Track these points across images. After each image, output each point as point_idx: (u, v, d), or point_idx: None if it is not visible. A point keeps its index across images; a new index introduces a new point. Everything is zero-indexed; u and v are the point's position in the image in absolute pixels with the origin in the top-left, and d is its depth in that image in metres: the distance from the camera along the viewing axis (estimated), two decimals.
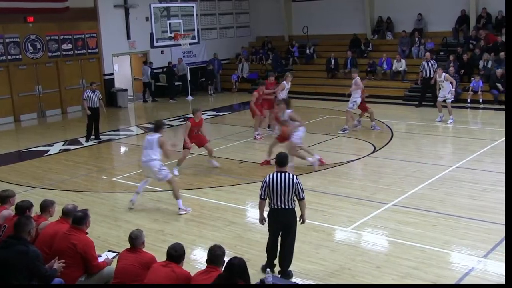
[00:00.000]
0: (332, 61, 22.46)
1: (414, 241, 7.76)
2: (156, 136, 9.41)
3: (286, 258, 6.84)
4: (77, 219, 6.24)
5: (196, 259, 7.45)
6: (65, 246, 6.03)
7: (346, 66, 22.24)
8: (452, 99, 15.70)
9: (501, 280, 6.60)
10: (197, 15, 22.27)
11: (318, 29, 24.83)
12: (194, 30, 21.16)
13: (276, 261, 6.95)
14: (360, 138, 14.25)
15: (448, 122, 15.47)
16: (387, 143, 13.63)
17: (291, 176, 6.63)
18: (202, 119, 12.00)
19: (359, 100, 14.86)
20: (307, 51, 24.36)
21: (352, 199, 9.63)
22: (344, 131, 14.84)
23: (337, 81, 22.17)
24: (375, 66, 21.66)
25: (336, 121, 17.30)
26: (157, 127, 9.74)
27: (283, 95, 14.78)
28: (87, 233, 6.29)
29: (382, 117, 16.66)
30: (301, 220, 6.89)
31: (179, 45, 20.66)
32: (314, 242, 7.89)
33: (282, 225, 6.74)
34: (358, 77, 14.94)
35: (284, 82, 15.35)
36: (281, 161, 6.78)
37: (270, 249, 6.90)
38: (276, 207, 6.67)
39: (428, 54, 18.66)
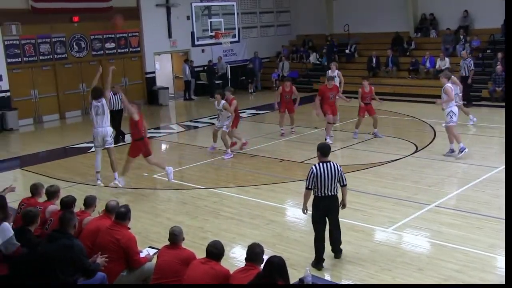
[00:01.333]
0: (374, 59, 22.17)
1: (457, 243, 7.59)
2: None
3: (337, 237, 7.24)
4: (121, 214, 6.35)
5: (235, 257, 7.48)
6: (108, 240, 6.14)
7: (387, 64, 21.94)
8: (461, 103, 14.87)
9: None
10: (237, 13, 22.35)
11: (360, 27, 24.54)
12: (234, 28, 21.25)
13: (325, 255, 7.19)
14: (402, 138, 14.02)
15: (469, 123, 15.16)
16: (429, 143, 13.37)
17: (335, 165, 7.00)
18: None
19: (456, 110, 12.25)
20: (348, 50, 24.12)
21: (392, 199, 9.49)
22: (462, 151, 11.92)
23: (379, 79, 21.87)
24: (418, 65, 21.28)
25: (379, 120, 17.06)
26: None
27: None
28: (129, 228, 6.39)
29: (424, 117, 16.37)
30: (342, 205, 7.22)
31: (220, 43, 20.79)
32: (353, 242, 7.81)
33: (327, 210, 7.08)
34: (448, 84, 12.11)
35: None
36: (324, 151, 7.09)
37: (320, 239, 7.12)
38: (323, 195, 6.98)
39: (464, 52, 18.31)
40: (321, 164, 7.01)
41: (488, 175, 10.55)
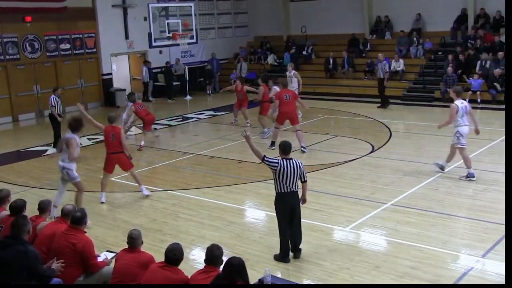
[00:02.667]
0: (331, 60, 22.46)
1: (413, 240, 7.77)
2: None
3: (298, 235, 7.37)
4: (76, 218, 6.22)
5: (195, 259, 7.45)
6: (64, 245, 6.02)
7: (343, 66, 22.27)
8: None
9: (500, 280, 6.62)
10: (195, 14, 22.28)
11: (317, 29, 24.84)
12: (192, 30, 21.17)
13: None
14: (359, 138, 14.25)
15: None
16: (385, 143, 13.64)
17: (297, 162, 7.26)
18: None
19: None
20: (305, 51, 24.36)
21: (350, 199, 9.64)
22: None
23: (336, 81, 22.21)
24: (374, 66, 21.66)
25: (335, 120, 17.33)
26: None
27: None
28: (85, 232, 6.28)
29: (380, 117, 16.69)
30: (302, 200, 7.44)
31: (178, 45, 20.67)
32: (312, 242, 7.89)
33: (291, 207, 7.23)
34: (455, 102, 10.80)
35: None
36: (286, 149, 7.32)
37: (285, 232, 7.29)
38: (285, 190, 7.19)
39: (380, 55, 18.88)
40: (284, 160, 7.22)
41: (441, 174, 10.83)
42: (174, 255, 5.43)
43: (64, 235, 6.12)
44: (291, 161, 7.22)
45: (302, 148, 12.88)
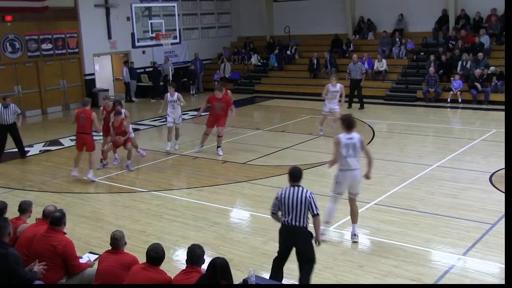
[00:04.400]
0: (315, 61, 22.55)
1: (395, 239, 7.84)
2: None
3: (304, 279, 6.32)
4: (55, 219, 6.11)
5: (179, 260, 7.43)
6: (44, 248, 5.94)
7: (326, 66, 22.37)
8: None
9: (481, 277, 6.72)
10: (178, 15, 22.21)
11: (300, 29, 24.92)
12: (175, 30, 21.10)
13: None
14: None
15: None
16: (368, 143, 13.69)
17: (304, 191, 6.27)
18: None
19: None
20: (289, 51, 24.43)
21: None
22: None
23: (319, 81, 22.24)
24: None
25: (319, 121, 17.38)
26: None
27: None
28: (65, 233, 6.21)
29: (363, 117, 16.79)
30: (316, 241, 6.45)
31: (161, 45, 20.58)
32: None
33: (287, 244, 6.38)
34: None
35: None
36: (293, 176, 6.42)
37: (275, 264, 6.55)
38: (284, 223, 6.33)
39: (355, 56, 19.02)
40: (288, 188, 6.38)
41: (423, 173, 10.95)
42: (156, 253, 5.40)
43: (43, 237, 6.03)
44: (295, 189, 6.30)
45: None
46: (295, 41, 24.84)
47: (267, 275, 6.91)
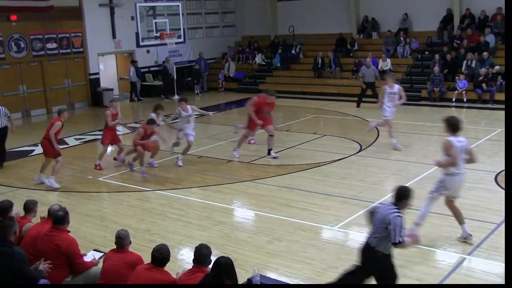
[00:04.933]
0: (319, 60, 22.52)
1: None
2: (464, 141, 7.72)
3: None
4: (58, 218, 6.12)
5: (183, 259, 7.44)
6: (48, 247, 5.95)
7: (330, 66, 22.35)
8: None
9: (486, 277, 6.70)
10: (183, 14, 22.26)
11: (304, 29, 24.93)
12: (180, 29, 21.14)
13: None
14: (347, 137, 14.30)
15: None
16: (373, 142, 13.70)
17: (392, 211, 5.73)
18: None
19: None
20: (293, 51, 24.42)
21: (338, 198, 9.68)
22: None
23: (324, 80, 22.27)
24: (361, 66, 21.74)
25: (323, 120, 17.40)
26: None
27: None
28: (68, 232, 6.22)
29: (368, 116, 16.76)
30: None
31: (165, 44, 20.62)
32: (301, 241, 7.92)
33: (359, 262, 5.97)
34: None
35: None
36: (399, 194, 5.95)
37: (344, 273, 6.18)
38: (365, 240, 5.91)
39: (368, 60, 19.22)
40: (381, 205, 6.14)
41: (428, 172, 10.92)
42: (161, 254, 5.40)
43: (47, 236, 6.04)
44: (387, 206, 5.88)
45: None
46: (299, 41, 24.82)
47: (271, 275, 6.93)
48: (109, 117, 12.16)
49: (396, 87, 13.11)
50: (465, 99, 18.37)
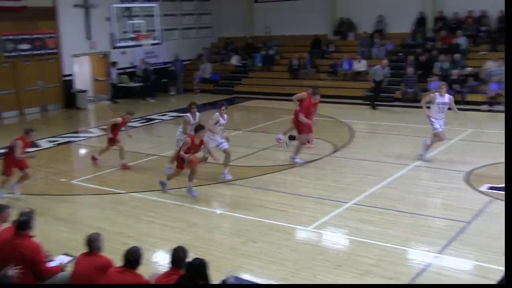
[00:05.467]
0: (295, 62, 22.63)
1: (374, 239, 7.89)
2: None
3: None
4: (21, 223, 5.91)
5: (158, 261, 7.40)
6: (12, 255, 5.75)
7: (305, 67, 22.47)
8: None
9: (457, 275, 6.81)
10: (159, 15, 22.15)
11: (281, 30, 25.03)
12: (156, 30, 21.05)
13: None
14: (321, 138, 14.36)
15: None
16: (348, 143, 13.81)
17: None
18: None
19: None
20: (270, 52, 24.48)
21: (313, 199, 9.73)
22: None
23: (299, 81, 22.35)
24: (337, 67, 21.93)
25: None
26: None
27: None
28: (32, 236, 6.01)
29: (343, 117, 16.90)
30: None
31: (141, 45, 20.51)
32: (276, 242, 7.94)
33: None
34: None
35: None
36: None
37: None
38: None
39: (385, 61, 19.29)
40: None
41: (402, 173, 11.06)
42: (132, 256, 5.36)
43: (11, 243, 5.84)
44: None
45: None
46: (275, 42, 24.90)
47: (246, 276, 6.94)
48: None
49: (447, 97, 11.77)
50: None
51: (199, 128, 9.93)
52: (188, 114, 11.28)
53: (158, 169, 12.13)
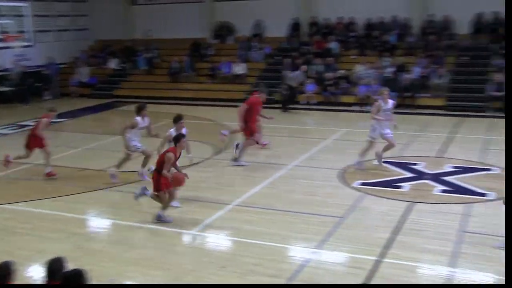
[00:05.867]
0: (175, 65, 22.54)
1: (255, 238, 8.08)
2: None
3: None
4: None
5: (32, 276, 7.03)
6: None
7: (185, 70, 22.49)
8: None
9: (334, 268, 7.18)
10: (30, 16, 20.98)
11: (161, 33, 24.81)
12: (27, 32, 19.93)
13: None
14: (201, 141, 14.44)
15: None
16: (228, 145, 13.98)
17: None
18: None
19: None
20: (150, 55, 24.16)
21: (196, 202, 9.76)
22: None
23: (180, 85, 22.32)
24: (216, 70, 22.17)
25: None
26: None
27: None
28: None
29: (223, 120, 17.10)
30: None
31: (9, 47, 19.31)
32: (158, 247, 7.87)
33: None
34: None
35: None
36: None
37: None
38: None
39: (304, 67, 19.79)
40: None
41: (282, 173, 11.44)
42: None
43: None
44: None
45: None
46: (155, 45, 24.62)
47: (129, 282, 6.81)
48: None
49: (391, 103, 11.48)
50: (313, 102, 19.52)
51: (180, 137, 8.93)
52: (138, 118, 10.84)
53: (33, 178, 11.50)
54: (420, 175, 11.07)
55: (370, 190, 10.16)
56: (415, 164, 11.81)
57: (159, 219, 8.69)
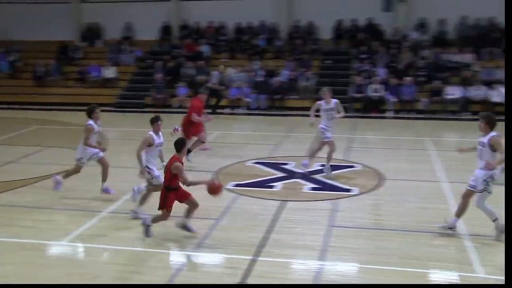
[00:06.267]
0: (40, 69, 21.42)
1: (131, 245, 7.93)
2: None
3: None
4: None
5: None
6: None
7: (52, 74, 21.48)
8: None
9: (209, 269, 7.28)
10: None
11: (23, 35, 23.36)
12: None
13: None
14: (73, 148, 13.85)
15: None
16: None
17: None
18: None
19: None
20: (11, 58, 22.69)
21: (66, 211, 9.39)
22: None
23: (46, 89, 21.27)
24: (85, 74, 21.42)
25: (47, 131, 16.58)
26: None
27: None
28: None
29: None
30: None
31: None
32: (27, 261, 7.44)
33: None
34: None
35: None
36: None
37: None
38: None
39: (222, 67, 19.71)
40: None
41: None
42: None
43: None
44: None
45: None
46: (17, 47, 23.16)
47: None
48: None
49: (333, 102, 11.30)
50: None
51: (182, 143, 8.23)
52: (91, 122, 10.35)
53: None
54: (291, 174, 11.55)
55: (243, 191, 10.41)
56: (286, 164, 12.30)
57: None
